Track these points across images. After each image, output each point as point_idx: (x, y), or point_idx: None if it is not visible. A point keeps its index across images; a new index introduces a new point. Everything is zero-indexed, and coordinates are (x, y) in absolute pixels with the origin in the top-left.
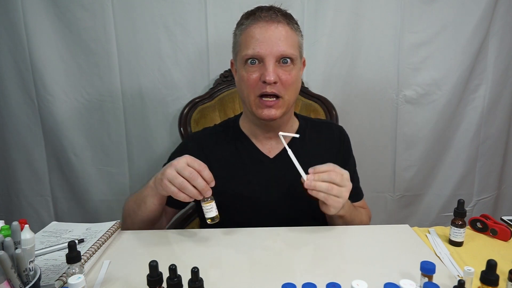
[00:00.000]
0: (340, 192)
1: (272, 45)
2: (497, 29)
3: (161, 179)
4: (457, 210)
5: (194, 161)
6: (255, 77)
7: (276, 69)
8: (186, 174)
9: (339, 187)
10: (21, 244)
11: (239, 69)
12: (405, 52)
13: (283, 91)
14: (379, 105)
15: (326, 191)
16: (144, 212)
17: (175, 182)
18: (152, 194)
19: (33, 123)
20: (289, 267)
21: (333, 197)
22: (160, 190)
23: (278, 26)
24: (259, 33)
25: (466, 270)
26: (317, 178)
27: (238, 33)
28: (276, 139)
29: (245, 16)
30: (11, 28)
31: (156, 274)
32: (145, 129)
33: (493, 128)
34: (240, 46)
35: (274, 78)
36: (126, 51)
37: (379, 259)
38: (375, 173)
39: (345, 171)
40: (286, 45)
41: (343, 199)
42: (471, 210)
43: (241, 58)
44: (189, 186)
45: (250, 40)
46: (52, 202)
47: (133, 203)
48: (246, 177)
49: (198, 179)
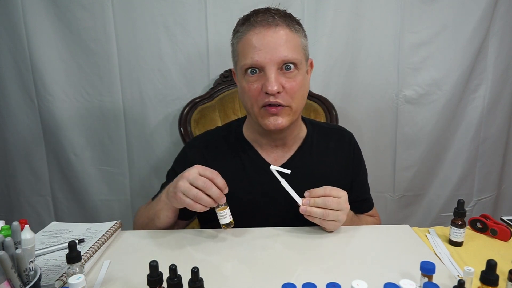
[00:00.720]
0: (336, 216)
1: (271, 52)
2: (497, 29)
3: (174, 193)
4: (457, 210)
5: (205, 170)
6: (256, 87)
7: (279, 78)
8: (200, 184)
9: (334, 211)
10: (21, 244)
11: (240, 80)
12: (405, 52)
13: (289, 99)
14: (379, 105)
15: (322, 217)
16: (158, 226)
17: (190, 194)
18: (166, 208)
19: (33, 123)
20: (289, 267)
21: (329, 222)
22: (175, 203)
23: (276, 29)
24: (256, 40)
25: (466, 270)
26: (312, 203)
27: (235, 42)
28: (282, 148)
29: (240, 22)
30: (11, 28)
31: (156, 274)
32: (145, 129)
33: (493, 128)
34: (238, 55)
35: (277, 87)
36: (126, 51)
37: (379, 259)
38: (375, 173)
39: (343, 193)
40: (287, 49)
41: (340, 222)
42: (471, 210)
43: (240, 69)
44: (204, 196)
45: (248, 49)
46: (52, 202)
47: (146, 217)
48: (250, 187)
49: (212, 188)
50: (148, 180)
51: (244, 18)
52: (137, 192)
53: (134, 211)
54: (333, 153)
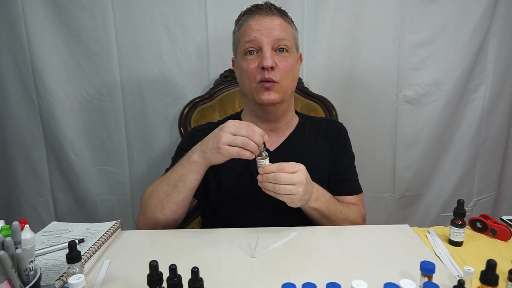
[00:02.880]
0: (289, 190)
1: (268, 32)
2: (497, 29)
3: (218, 147)
4: (457, 210)
5: (240, 122)
6: (254, 66)
7: (273, 56)
8: (244, 133)
9: (286, 186)
10: (21, 244)
11: (240, 63)
12: (405, 52)
13: (280, 77)
14: (379, 105)
15: (274, 190)
16: (182, 193)
17: (237, 142)
18: (195, 170)
19: (33, 123)
20: (289, 267)
21: (283, 195)
22: (217, 158)
23: (273, 18)
24: (255, 24)
25: (466, 270)
26: (265, 179)
27: (236, 29)
28: (276, 132)
29: (242, 13)
30: (11, 28)
31: (156, 274)
32: (145, 129)
33: (493, 128)
34: (238, 39)
35: (271, 63)
36: (126, 51)
37: (379, 259)
38: (375, 173)
39: (298, 167)
40: (281, 32)
41: (297, 196)
42: (471, 210)
43: (240, 50)
44: (251, 142)
45: (248, 30)
46: (52, 202)
47: (165, 186)
48: (248, 170)
49: (255, 134)
50: (148, 180)
51: (245, 10)
52: (137, 192)
53: (134, 211)
54: (322, 139)
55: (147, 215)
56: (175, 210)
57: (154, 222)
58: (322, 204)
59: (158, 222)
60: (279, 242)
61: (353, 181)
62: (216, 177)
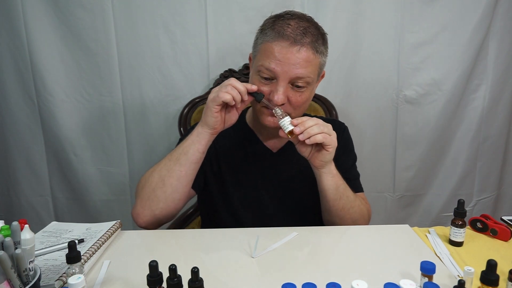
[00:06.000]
0: (332, 138)
1: (288, 67)
2: (497, 29)
3: (209, 101)
4: (457, 210)
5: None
6: (264, 90)
7: (287, 91)
8: (227, 83)
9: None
10: (21, 244)
11: (253, 74)
12: (405, 52)
13: (290, 110)
14: (379, 105)
15: (320, 131)
16: (185, 166)
17: (226, 88)
18: (197, 140)
19: (33, 123)
20: (289, 267)
21: (332, 137)
22: (214, 110)
23: (301, 50)
24: (279, 52)
25: (466, 270)
26: (307, 126)
27: (260, 41)
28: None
29: (270, 24)
30: (11, 28)
31: (156, 274)
32: (145, 129)
33: (493, 128)
34: (258, 52)
35: (281, 100)
36: (126, 51)
37: (379, 259)
38: (375, 173)
39: (328, 124)
40: (304, 70)
41: (336, 143)
42: (471, 210)
43: (256, 66)
44: (236, 86)
45: (269, 55)
46: (52, 202)
47: (168, 161)
48: (250, 170)
49: (238, 83)
50: None
51: (274, 20)
52: None
53: None
54: None
55: (145, 196)
56: (176, 187)
57: (153, 203)
58: (339, 177)
59: (158, 202)
60: (279, 242)
61: (354, 180)
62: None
